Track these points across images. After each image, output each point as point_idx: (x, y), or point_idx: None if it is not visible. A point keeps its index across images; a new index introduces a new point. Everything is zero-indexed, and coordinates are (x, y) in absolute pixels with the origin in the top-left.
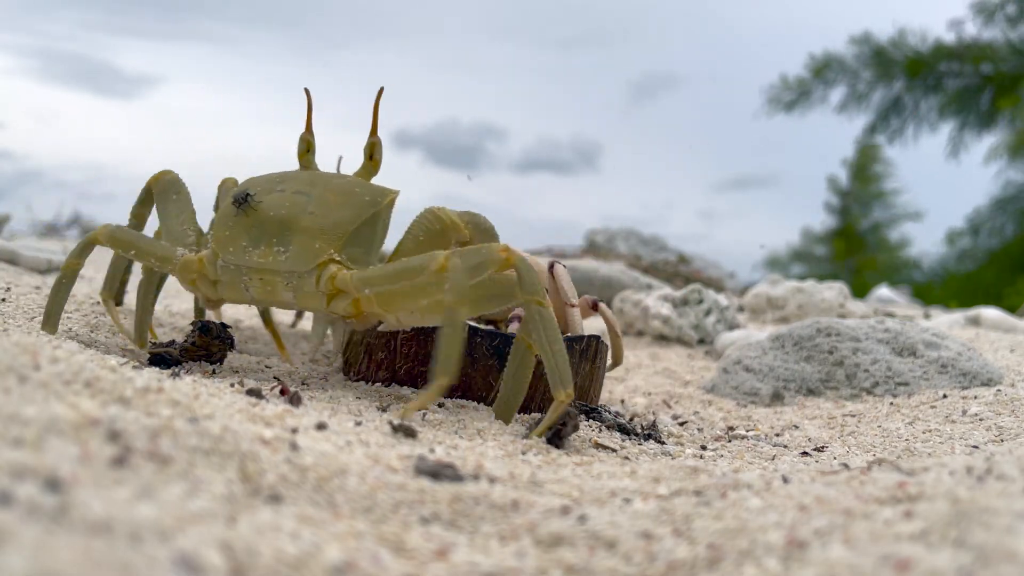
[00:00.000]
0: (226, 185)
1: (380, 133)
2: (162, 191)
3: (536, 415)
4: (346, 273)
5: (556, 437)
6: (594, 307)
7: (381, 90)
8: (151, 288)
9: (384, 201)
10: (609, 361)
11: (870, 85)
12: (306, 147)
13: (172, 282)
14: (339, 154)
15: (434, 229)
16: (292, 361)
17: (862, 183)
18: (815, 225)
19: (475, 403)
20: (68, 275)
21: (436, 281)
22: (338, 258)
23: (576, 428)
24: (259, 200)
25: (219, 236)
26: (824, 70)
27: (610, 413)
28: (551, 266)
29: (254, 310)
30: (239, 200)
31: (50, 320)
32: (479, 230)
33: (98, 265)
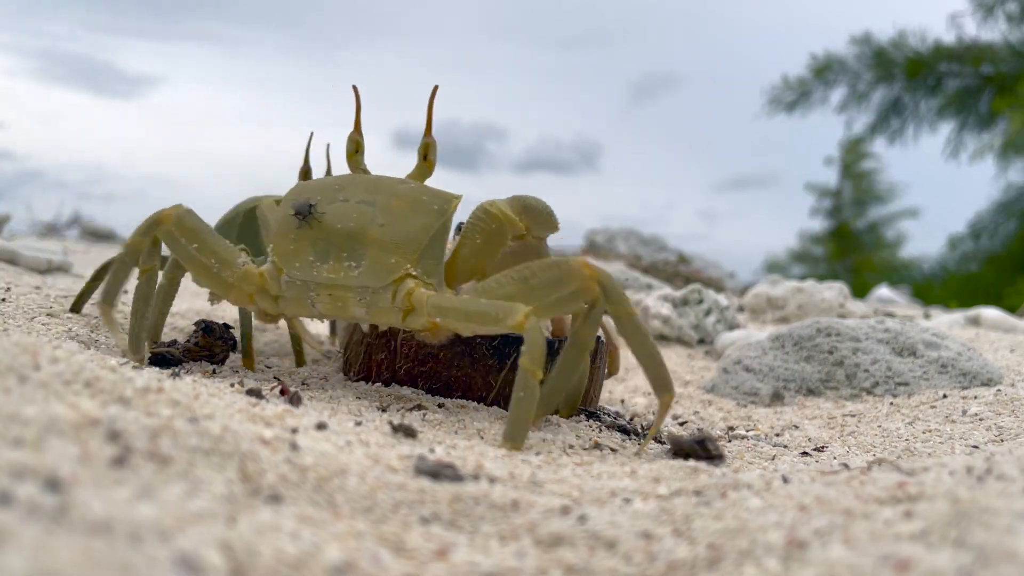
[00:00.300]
0: (264, 205)
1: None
2: (178, 235)
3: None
4: (423, 293)
5: (703, 450)
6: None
7: (435, 89)
8: (150, 295)
9: (451, 208)
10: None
11: (870, 85)
12: (355, 147)
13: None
14: (327, 142)
15: (489, 229)
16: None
17: (854, 181)
18: (812, 226)
19: (475, 403)
20: (131, 255)
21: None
22: (414, 272)
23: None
24: (322, 211)
25: (282, 250)
26: (825, 70)
27: (610, 414)
28: None
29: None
30: (302, 211)
31: (108, 298)
32: (532, 214)
33: (96, 264)
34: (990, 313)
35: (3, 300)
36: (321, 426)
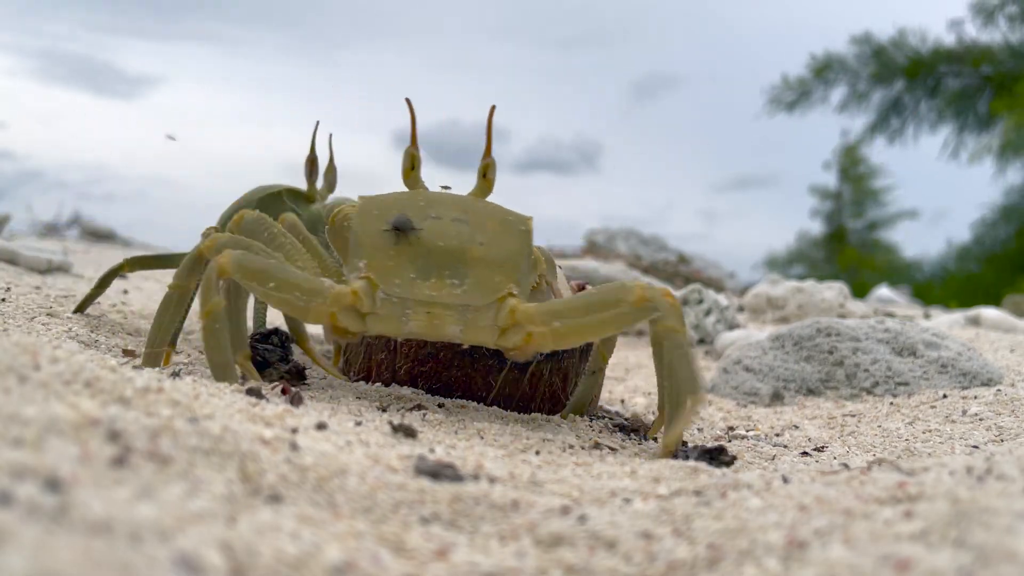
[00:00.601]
0: (342, 213)
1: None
2: (246, 280)
3: (536, 415)
4: (530, 307)
5: (720, 456)
6: (581, 289)
7: (493, 108)
8: (180, 308)
9: (530, 229)
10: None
11: (870, 85)
12: (411, 163)
13: (168, 282)
14: (330, 132)
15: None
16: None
17: (853, 183)
18: (810, 229)
19: (475, 403)
20: (182, 295)
21: (632, 312)
22: (515, 291)
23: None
24: (420, 228)
25: (379, 266)
26: (825, 70)
27: (610, 413)
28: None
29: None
30: (404, 227)
31: (161, 340)
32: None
33: (98, 265)
34: (990, 313)
35: (3, 300)
36: (321, 426)
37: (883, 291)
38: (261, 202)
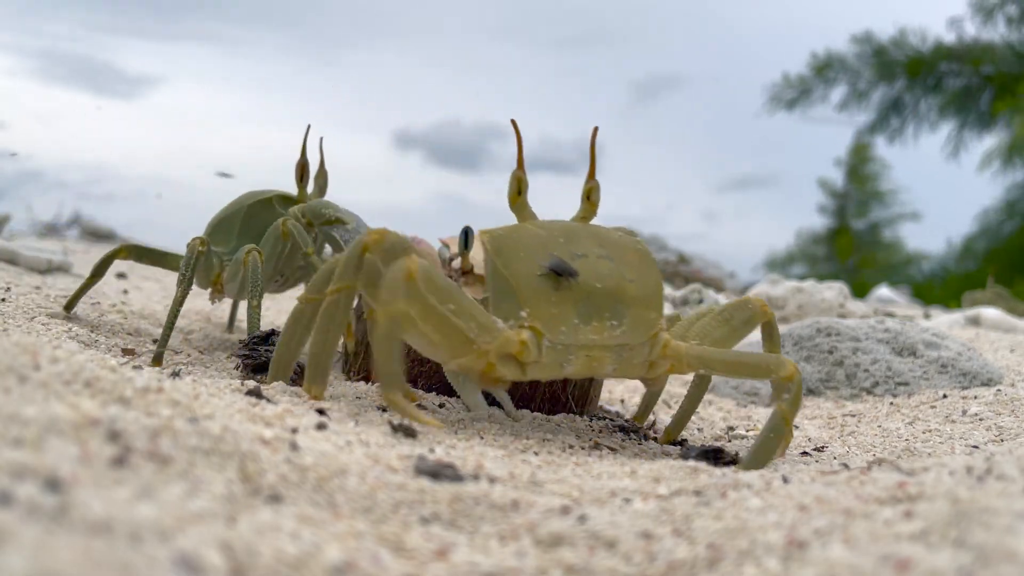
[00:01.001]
0: (445, 253)
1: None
2: (427, 291)
3: (536, 415)
4: (681, 346)
5: (720, 456)
6: None
7: (596, 131)
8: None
9: (650, 253)
10: None
11: (871, 84)
12: (518, 187)
13: (168, 282)
14: (320, 136)
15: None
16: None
17: (858, 183)
18: (812, 226)
19: None
20: (347, 296)
21: (770, 378)
22: (663, 325)
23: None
24: (578, 273)
25: (543, 314)
26: (825, 69)
27: (610, 414)
28: None
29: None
30: (565, 272)
31: (320, 373)
32: None
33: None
34: (990, 313)
35: (3, 300)
36: (321, 426)
37: (883, 291)
38: (251, 208)
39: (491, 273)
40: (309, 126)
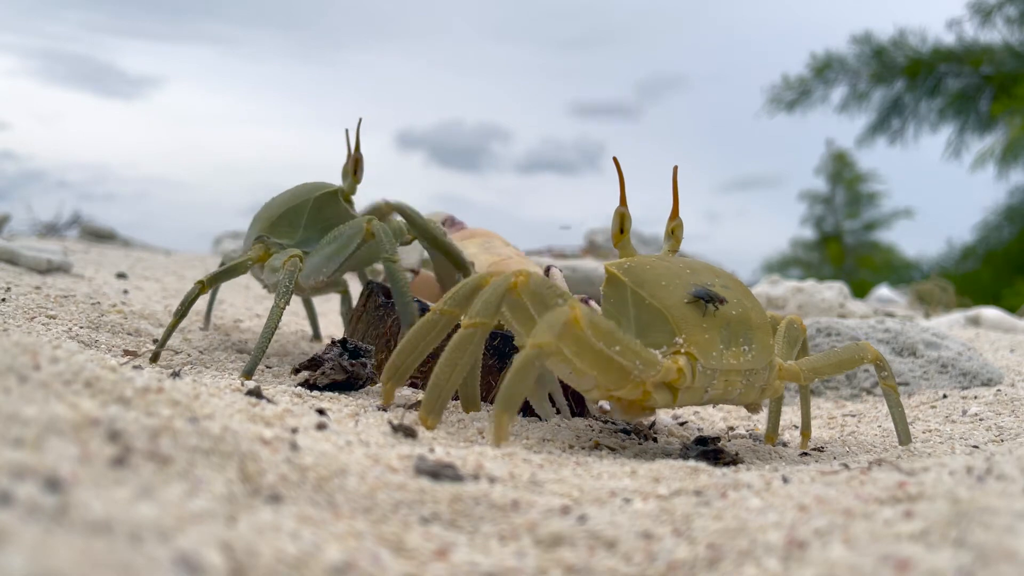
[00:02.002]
0: (552, 278)
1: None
2: (590, 334)
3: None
4: (793, 364)
5: (720, 456)
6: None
7: (676, 169)
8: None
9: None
10: None
11: (871, 85)
12: (621, 224)
13: (169, 282)
14: (346, 128)
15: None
16: None
17: (846, 185)
18: (803, 235)
19: None
20: (483, 330)
21: (864, 364)
22: (776, 351)
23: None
24: (724, 300)
25: (697, 340)
26: (825, 69)
27: (610, 413)
28: (547, 269)
29: (253, 310)
30: (711, 299)
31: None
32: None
33: (98, 265)
34: (990, 313)
35: (3, 300)
36: (321, 426)
37: (883, 291)
38: (319, 201)
39: (632, 303)
40: (360, 119)
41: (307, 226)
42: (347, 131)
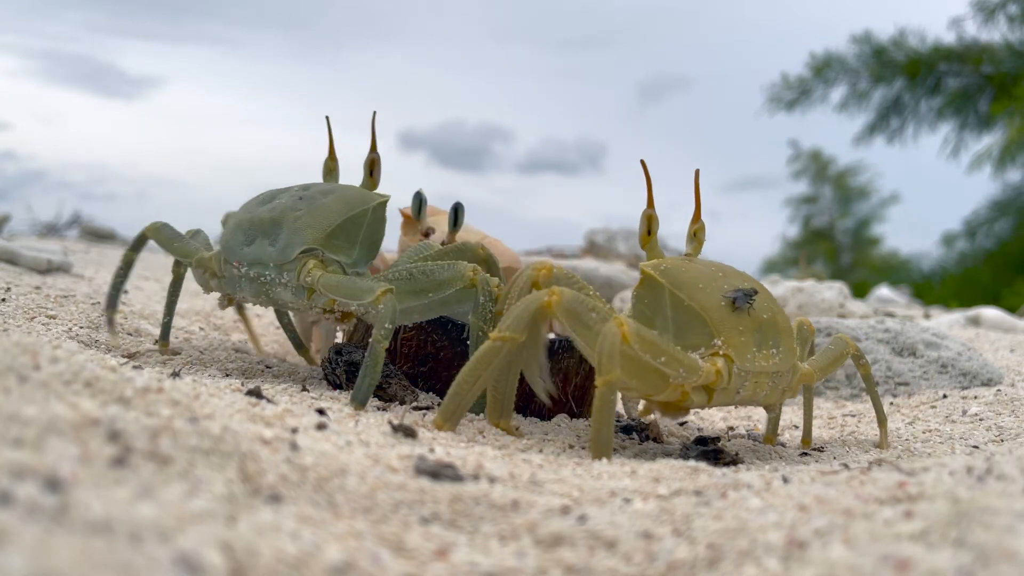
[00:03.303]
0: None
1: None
2: (639, 348)
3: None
4: (806, 367)
5: (720, 456)
6: None
7: (698, 173)
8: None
9: None
10: None
11: (870, 84)
12: (649, 227)
13: (168, 282)
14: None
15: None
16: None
17: (833, 183)
18: (791, 232)
19: None
20: (510, 348)
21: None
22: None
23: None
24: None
25: (735, 342)
26: (825, 69)
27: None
28: None
29: (253, 310)
30: (746, 301)
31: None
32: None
33: (98, 265)
34: (990, 313)
35: (3, 300)
36: (321, 426)
37: (883, 291)
38: (374, 212)
39: (670, 305)
40: (375, 112)
41: (362, 242)
42: (328, 124)
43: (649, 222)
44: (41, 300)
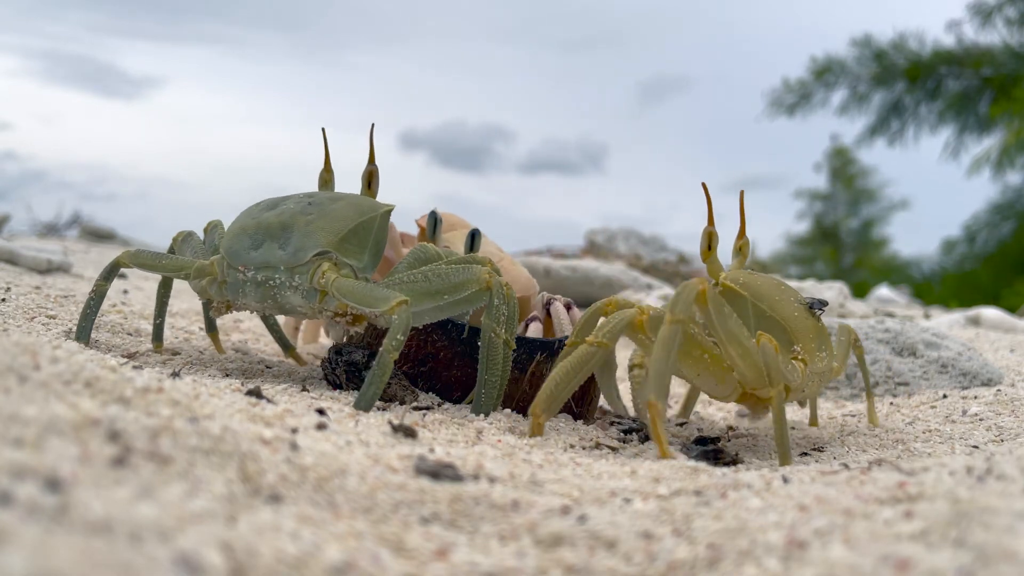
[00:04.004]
0: (555, 314)
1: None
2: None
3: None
4: (836, 362)
5: (721, 456)
6: (567, 308)
7: (743, 194)
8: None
9: None
10: None
11: (871, 87)
12: (709, 243)
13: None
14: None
15: None
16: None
17: (845, 183)
18: (800, 231)
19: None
20: (603, 354)
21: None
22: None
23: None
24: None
25: (809, 347)
26: (825, 72)
27: (610, 413)
28: (548, 303)
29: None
30: (821, 307)
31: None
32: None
33: (96, 265)
34: (990, 313)
35: (3, 300)
36: (321, 426)
37: (883, 291)
38: (382, 220)
39: (754, 315)
40: (373, 125)
41: (370, 249)
42: (324, 136)
43: (710, 238)
44: (41, 300)
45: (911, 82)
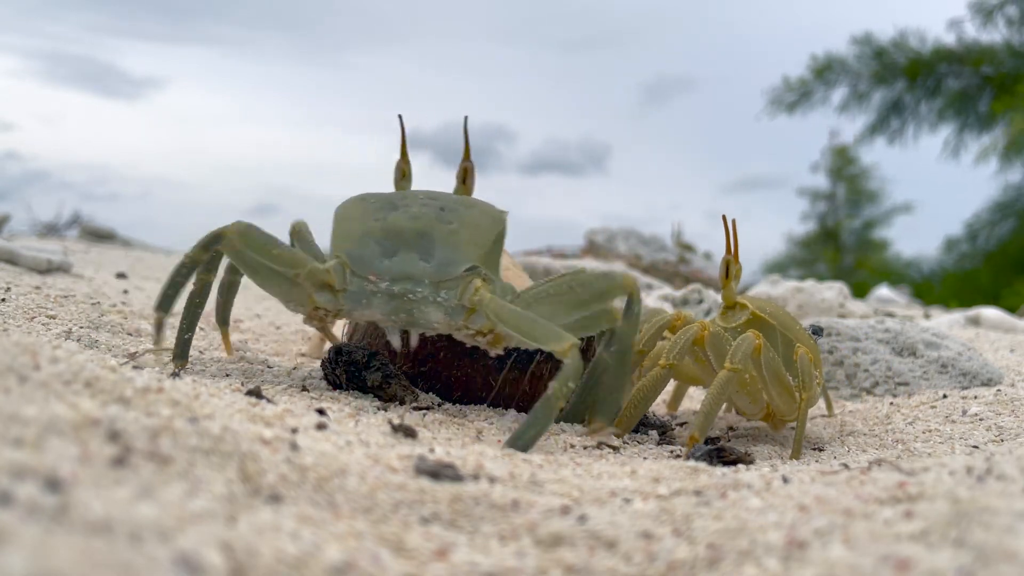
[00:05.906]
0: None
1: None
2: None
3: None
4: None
5: (721, 456)
6: None
7: (734, 221)
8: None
9: None
10: None
11: (871, 86)
12: (727, 271)
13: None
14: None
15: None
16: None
17: (848, 183)
18: (801, 231)
19: (475, 403)
20: (668, 374)
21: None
22: None
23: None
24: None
25: (820, 372)
26: (825, 71)
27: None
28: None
29: (253, 310)
30: (821, 334)
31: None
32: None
33: (96, 265)
34: (990, 313)
35: (3, 300)
36: (321, 426)
37: (883, 291)
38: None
39: (782, 343)
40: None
41: (499, 261)
42: (401, 122)
43: (727, 267)
44: (41, 300)
45: (911, 80)
